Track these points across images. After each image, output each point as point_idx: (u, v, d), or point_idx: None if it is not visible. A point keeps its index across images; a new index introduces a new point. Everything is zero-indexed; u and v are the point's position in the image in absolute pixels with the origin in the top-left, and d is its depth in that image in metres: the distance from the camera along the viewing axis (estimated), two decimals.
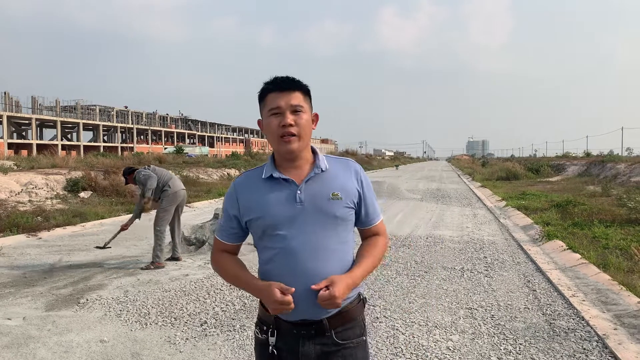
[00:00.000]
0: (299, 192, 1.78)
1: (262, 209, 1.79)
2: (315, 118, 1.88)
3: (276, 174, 1.81)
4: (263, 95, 1.82)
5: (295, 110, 1.78)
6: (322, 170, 1.83)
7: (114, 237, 8.09)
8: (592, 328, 4.57)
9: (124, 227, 7.63)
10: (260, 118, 1.87)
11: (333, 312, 1.78)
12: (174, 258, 7.42)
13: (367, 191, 1.90)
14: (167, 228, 7.31)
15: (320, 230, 1.77)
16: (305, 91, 1.84)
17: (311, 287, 1.69)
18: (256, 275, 1.86)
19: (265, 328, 1.83)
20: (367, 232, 1.95)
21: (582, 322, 4.77)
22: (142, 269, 6.88)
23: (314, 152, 1.88)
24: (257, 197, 1.81)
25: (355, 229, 1.93)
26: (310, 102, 1.87)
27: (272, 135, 1.79)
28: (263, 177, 1.83)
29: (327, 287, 1.69)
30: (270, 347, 1.80)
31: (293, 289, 1.70)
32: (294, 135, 1.77)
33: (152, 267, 6.89)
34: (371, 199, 1.92)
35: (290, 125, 1.76)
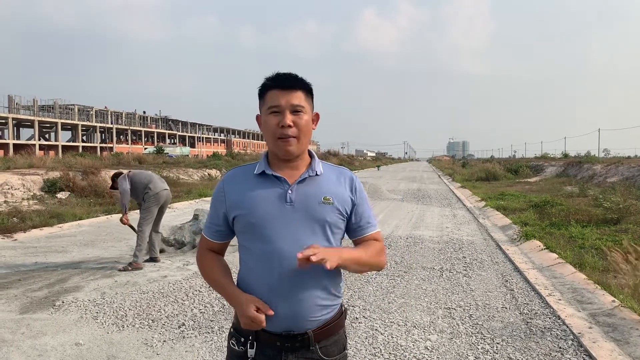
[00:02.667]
0: (290, 191, 1.71)
1: (250, 205, 1.71)
2: (315, 118, 1.82)
3: (269, 171, 1.74)
4: (263, 92, 1.74)
5: (296, 111, 1.70)
6: (316, 174, 1.76)
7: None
8: (567, 327, 4.64)
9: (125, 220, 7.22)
10: (258, 114, 1.79)
11: (318, 324, 1.71)
12: (153, 259, 7.35)
13: (362, 200, 1.82)
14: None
15: (310, 235, 1.69)
16: (308, 90, 1.76)
17: (297, 254, 1.54)
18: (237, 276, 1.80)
19: (243, 339, 1.74)
20: (362, 240, 1.84)
21: (558, 321, 4.84)
22: (119, 270, 6.79)
23: (310, 155, 1.82)
24: (245, 193, 1.73)
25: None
26: (312, 101, 1.79)
27: (270, 134, 1.72)
28: (255, 172, 1.76)
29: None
30: None
31: (272, 312, 1.64)
32: (292, 137, 1.70)
33: (129, 268, 6.81)
34: (366, 208, 1.84)
35: (289, 126, 1.69)
